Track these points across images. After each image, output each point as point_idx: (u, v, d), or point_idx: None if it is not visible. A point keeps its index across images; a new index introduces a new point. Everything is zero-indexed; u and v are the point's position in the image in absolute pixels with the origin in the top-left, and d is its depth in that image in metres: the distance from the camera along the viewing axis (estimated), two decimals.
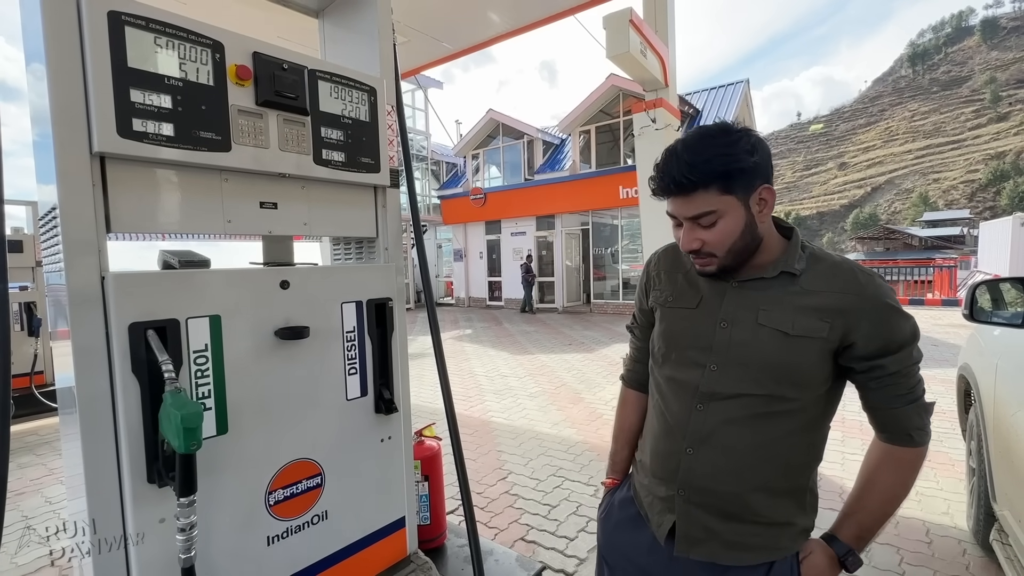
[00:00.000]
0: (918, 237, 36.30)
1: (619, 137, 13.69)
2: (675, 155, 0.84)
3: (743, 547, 0.90)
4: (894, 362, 0.85)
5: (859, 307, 0.84)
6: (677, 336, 0.97)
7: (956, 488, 2.96)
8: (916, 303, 12.38)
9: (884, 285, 0.86)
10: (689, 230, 0.86)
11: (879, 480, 0.89)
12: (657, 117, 4.90)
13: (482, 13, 4.24)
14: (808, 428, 0.90)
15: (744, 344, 0.88)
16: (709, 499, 0.91)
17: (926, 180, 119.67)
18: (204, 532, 1.15)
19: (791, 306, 0.86)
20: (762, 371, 0.86)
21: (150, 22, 1.08)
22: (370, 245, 1.68)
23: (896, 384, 0.86)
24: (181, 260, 1.21)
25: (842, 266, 0.88)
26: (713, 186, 0.82)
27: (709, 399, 0.90)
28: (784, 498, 0.91)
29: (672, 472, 0.94)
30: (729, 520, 0.90)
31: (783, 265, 0.89)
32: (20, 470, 3.60)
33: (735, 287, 0.91)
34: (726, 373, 0.89)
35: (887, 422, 0.90)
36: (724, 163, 0.81)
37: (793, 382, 0.86)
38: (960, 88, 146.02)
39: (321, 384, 1.40)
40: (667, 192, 0.86)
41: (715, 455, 0.90)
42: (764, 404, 0.87)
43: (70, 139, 1.01)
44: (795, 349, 0.85)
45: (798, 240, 0.92)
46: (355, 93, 1.46)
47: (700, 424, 0.91)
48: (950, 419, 4.13)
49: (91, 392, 1.04)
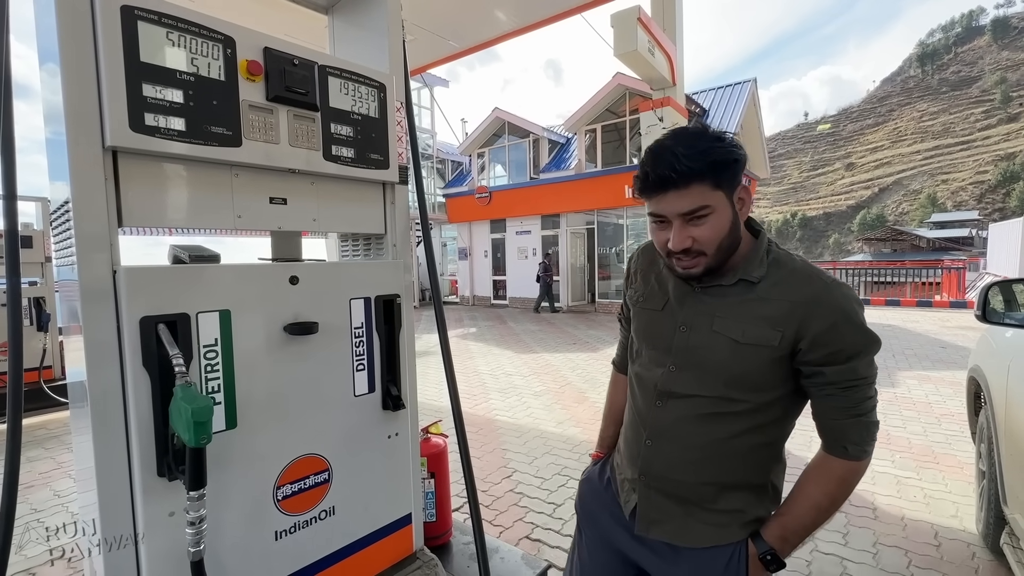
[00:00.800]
0: (926, 238, 36.00)
1: (625, 136, 13.64)
2: (666, 149, 0.82)
3: (694, 530, 0.95)
4: (837, 373, 0.84)
5: (811, 314, 0.83)
6: (645, 336, 1.02)
7: (965, 491, 2.93)
8: (924, 305, 12.28)
9: (847, 295, 0.85)
10: (680, 228, 0.85)
11: (808, 488, 0.90)
12: (664, 116, 4.88)
13: (489, 11, 4.24)
14: (764, 429, 0.91)
15: (700, 348, 0.91)
16: (665, 485, 0.97)
17: (934, 181, 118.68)
18: (213, 526, 1.15)
19: (745, 315, 0.88)
20: (714, 375, 0.90)
21: (162, 17, 1.08)
22: (378, 242, 1.68)
23: (837, 396, 0.85)
24: (192, 255, 1.21)
25: (801, 273, 0.88)
26: (707, 179, 0.81)
27: (667, 397, 0.96)
28: (737, 491, 0.93)
29: (635, 458, 1.02)
30: (683, 504, 0.96)
31: (741, 273, 0.90)
32: (29, 463, 3.63)
33: (697, 292, 0.94)
34: (683, 374, 0.93)
35: (826, 430, 0.90)
36: (720, 154, 0.81)
37: (743, 387, 0.88)
38: (970, 88, 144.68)
39: (329, 380, 1.41)
40: (661, 187, 0.83)
41: (670, 448, 0.96)
42: (714, 405, 0.90)
43: (83, 133, 1.02)
44: (745, 357, 0.87)
45: (763, 243, 0.92)
46: (364, 89, 1.46)
47: (658, 419, 0.97)
48: (959, 421, 4.09)
49: (102, 386, 1.04)
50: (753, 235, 0.95)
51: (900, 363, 6.31)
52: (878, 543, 2.44)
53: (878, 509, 2.77)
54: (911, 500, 2.86)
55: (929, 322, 9.75)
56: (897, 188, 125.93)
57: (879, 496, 2.91)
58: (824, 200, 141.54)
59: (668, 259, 0.92)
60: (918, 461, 3.40)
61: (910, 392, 5.02)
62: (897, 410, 4.48)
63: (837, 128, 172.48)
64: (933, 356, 6.66)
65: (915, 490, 2.98)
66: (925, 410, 4.46)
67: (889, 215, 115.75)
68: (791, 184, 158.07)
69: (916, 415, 4.33)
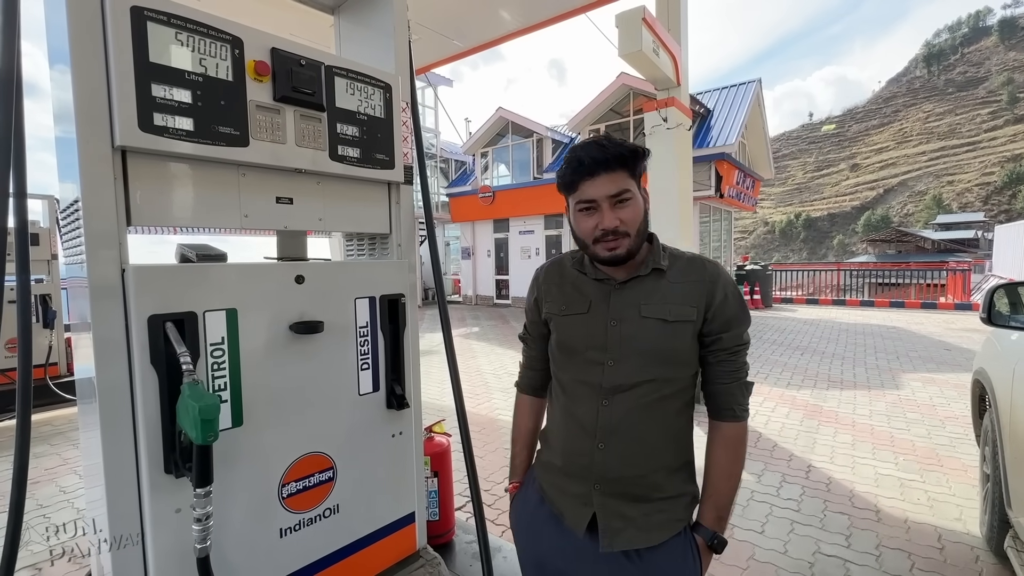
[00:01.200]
0: (931, 240, 35.78)
1: (629, 136, 13.62)
2: (590, 144, 0.96)
3: (652, 526, 1.00)
4: (730, 338, 1.00)
5: (713, 290, 0.99)
6: (575, 340, 1.05)
7: (968, 494, 2.92)
8: (928, 307, 12.23)
9: (726, 273, 1.04)
10: (609, 210, 0.96)
11: (717, 461, 1.03)
12: (669, 116, 4.87)
13: (493, 11, 4.24)
14: (688, 405, 1.05)
15: (633, 336, 0.99)
16: (621, 487, 1.00)
17: (940, 182, 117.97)
18: (219, 523, 1.16)
19: (666, 297, 1.00)
20: (652, 358, 0.98)
21: (171, 17, 1.09)
22: (383, 241, 1.69)
23: (727, 361, 1.01)
24: (199, 253, 1.22)
25: (695, 260, 1.05)
26: (627, 166, 0.95)
27: (612, 393, 1.00)
28: (679, 472, 1.04)
29: (586, 468, 1.02)
30: (639, 502, 1.00)
31: (653, 263, 1.02)
32: (35, 459, 3.66)
33: (617, 288, 1.02)
34: (623, 365, 0.99)
35: (718, 397, 1.03)
36: (631, 147, 0.96)
37: (675, 363, 0.99)
38: (976, 89, 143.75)
39: (334, 379, 1.41)
40: (592, 171, 0.95)
41: (623, 445, 1.00)
42: (658, 389, 0.99)
43: (93, 132, 1.03)
44: (675, 334, 0.98)
45: (658, 242, 1.06)
46: (370, 89, 1.46)
47: (608, 419, 1.00)
48: (963, 424, 4.08)
49: (111, 383, 1.05)
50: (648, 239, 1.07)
51: (904, 365, 6.29)
52: (881, 545, 2.43)
53: (881, 511, 2.76)
54: (915, 503, 2.85)
55: (933, 324, 9.71)
56: (902, 189, 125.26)
57: (882, 498, 2.90)
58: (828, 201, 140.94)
59: (593, 246, 0.99)
60: (922, 464, 3.39)
61: (914, 394, 5.01)
62: (901, 412, 4.46)
63: (842, 129, 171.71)
64: (937, 358, 6.64)
65: (919, 493, 2.97)
66: (929, 412, 4.44)
67: (894, 216, 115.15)
68: (795, 185, 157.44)
69: (920, 417, 4.32)
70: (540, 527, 1.11)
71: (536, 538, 1.12)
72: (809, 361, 6.62)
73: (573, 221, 1.02)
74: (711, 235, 13.01)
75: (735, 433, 1.03)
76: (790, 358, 6.82)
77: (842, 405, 4.71)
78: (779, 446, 3.74)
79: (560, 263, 1.14)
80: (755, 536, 2.53)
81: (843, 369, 6.14)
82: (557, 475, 1.08)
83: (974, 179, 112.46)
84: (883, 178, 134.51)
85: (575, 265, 1.10)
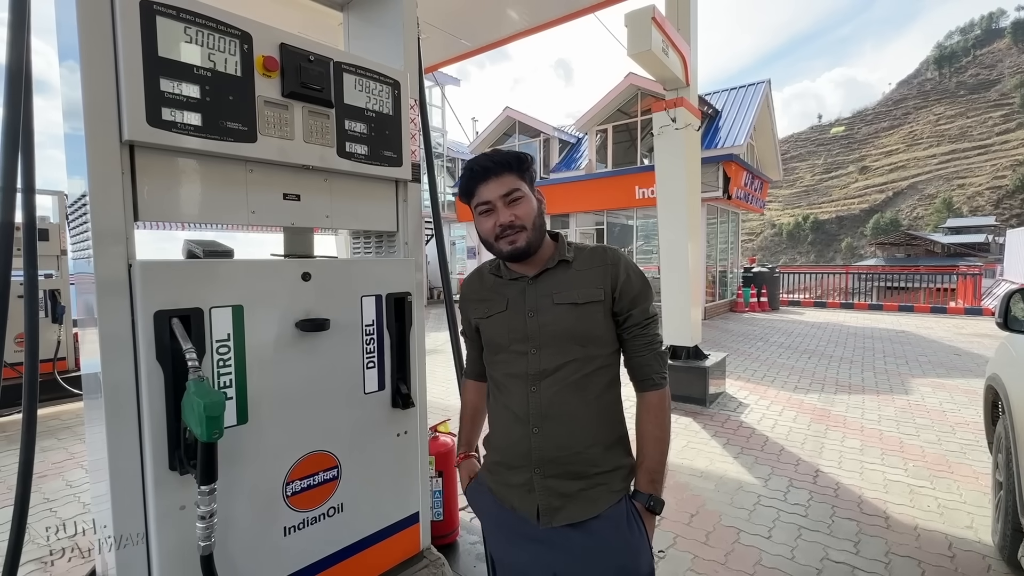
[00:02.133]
0: (941, 244, 35.35)
1: (636, 137, 13.57)
2: (482, 156, 1.08)
3: (591, 500, 1.07)
4: (640, 312, 1.11)
5: (615, 272, 1.10)
6: (500, 337, 1.14)
7: (980, 502, 2.88)
8: (938, 311, 12.09)
9: (627, 256, 1.16)
10: (503, 208, 1.07)
11: (645, 430, 1.12)
12: (677, 116, 4.83)
13: (501, 10, 4.22)
14: (614, 382, 1.14)
15: (550, 323, 1.09)
16: (559, 468, 1.07)
17: (950, 185, 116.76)
18: (222, 521, 1.16)
19: (573, 284, 1.10)
20: (569, 339, 1.08)
21: (181, 12, 1.08)
22: (390, 239, 1.68)
23: (642, 334, 1.12)
24: (206, 250, 1.22)
25: (596, 249, 1.15)
26: (514, 169, 1.07)
27: (539, 378, 1.08)
28: (614, 447, 1.12)
29: (524, 455, 1.09)
30: (577, 479, 1.07)
31: (559, 256, 1.13)
32: (42, 453, 3.68)
33: (531, 283, 1.12)
34: (545, 351, 1.08)
35: (638, 369, 1.13)
36: (515, 154, 1.10)
37: (593, 342, 1.09)
38: (988, 92, 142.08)
39: (340, 377, 1.41)
40: (483, 177, 1.07)
41: (555, 426, 1.07)
42: (580, 368, 1.08)
43: (101, 127, 1.02)
44: (586, 315, 1.08)
45: (563, 238, 1.18)
46: (379, 86, 1.45)
47: (539, 403, 1.08)
48: (974, 430, 4.02)
49: (116, 378, 1.05)
50: (554, 239, 1.18)
51: (913, 369, 6.22)
52: (891, 552, 2.40)
53: (890, 518, 2.72)
54: (925, 510, 2.81)
55: (943, 329, 9.60)
56: (912, 192, 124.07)
57: (891, 505, 2.86)
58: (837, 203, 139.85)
59: (497, 243, 1.09)
60: (932, 470, 3.34)
61: (924, 400, 4.94)
62: (910, 417, 4.41)
63: (851, 131, 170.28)
64: (948, 363, 6.55)
65: (929, 499, 2.93)
66: (939, 418, 4.38)
67: (903, 220, 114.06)
68: (803, 187, 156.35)
69: (930, 423, 4.26)
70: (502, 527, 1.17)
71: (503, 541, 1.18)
72: (817, 365, 6.55)
73: (476, 225, 1.13)
74: (718, 236, 12.93)
75: (658, 400, 1.13)
76: (797, 361, 6.76)
77: (850, 409, 4.65)
78: (786, 450, 3.70)
79: (479, 272, 1.25)
80: (762, 541, 2.50)
81: (851, 373, 6.08)
82: (501, 471, 1.15)
83: (985, 183, 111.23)
84: (892, 181, 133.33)
85: (493, 271, 1.20)
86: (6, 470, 3.45)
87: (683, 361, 4.86)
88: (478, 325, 1.21)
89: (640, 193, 11.95)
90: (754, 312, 12.73)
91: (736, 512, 2.80)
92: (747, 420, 4.37)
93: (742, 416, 4.48)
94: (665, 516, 2.69)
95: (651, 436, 1.12)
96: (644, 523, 1.09)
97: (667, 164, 4.96)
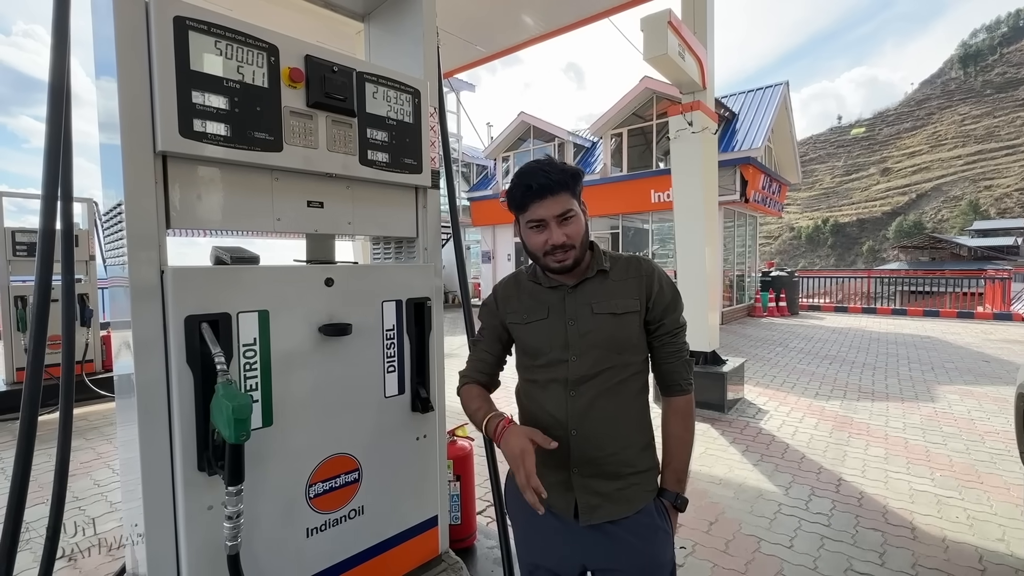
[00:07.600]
0: (967, 247, 34.34)
1: (652, 140, 13.49)
2: (536, 170, 1.07)
3: (627, 499, 1.12)
4: (671, 322, 1.16)
5: (650, 282, 1.15)
6: (541, 343, 1.16)
7: (1012, 513, 2.79)
8: (965, 316, 11.75)
9: (659, 268, 1.19)
10: (556, 227, 1.08)
11: (672, 432, 1.18)
12: (694, 120, 4.80)
13: (516, 16, 4.26)
14: (644, 388, 1.18)
15: (590, 332, 1.12)
16: (596, 468, 1.12)
17: (977, 187, 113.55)
18: (248, 521, 1.18)
19: (612, 294, 1.14)
20: (607, 348, 1.11)
21: (211, 26, 1.12)
22: (409, 245, 1.70)
23: (672, 343, 1.17)
24: (233, 256, 1.25)
25: (632, 259, 1.19)
26: (568, 189, 1.07)
27: (578, 384, 1.12)
28: (647, 449, 1.17)
29: (563, 457, 1.12)
30: (614, 479, 1.12)
31: (597, 266, 1.16)
32: (71, 453, 3.79)
33: (571, 292, 1.15)
34: (584, 358, 1.12)
35: (667, 375, 1.18)
36: (572, 170, 1.09)
37: (629, 350, 1.13)
38: (1016, 91, 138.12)
39: (361, 381, 1.43)
40: (541, 194, 1.06)
41: (593, 428, 1.11)
42: (617, 374, 1.12)
43: (136, 138, 1.06)
44: (624, 324, 1.12)
45: (599, 248, 1.20)
46: (400, 95, 1.48)
47: (577, 407, 1.12)
48: (1005, 440, 3.90)
49: (148, 380, 1.08)
50: (590, 247, 1.20)
51: (940, 376, 6.05)
52: (918, 564, 2.33)
53: (917, 529, 2.65)
54: (953, 521, 2.73)
55: (970, 335, 9.32)
56: (936, 194, 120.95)
57: (918, 516, 2.79)
58: (858, 206, 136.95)
59: (544, 258, 1.11)
60: (960, 480, 3.24)
61: (951, 407, 4.81)
62: (937, 426, 4.29)
63: (872, 132, 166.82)
64: (975, 370, 6.36)
65: (957, 511, 2.85)
66: (967, 427, 4.26)
67: (927, 222, 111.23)
68: (823, 189, 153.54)
69: (957, 431, 4.14)
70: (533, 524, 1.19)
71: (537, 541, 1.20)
72: (838, 371, 6.41)
73: (524, 237, 1.14)
74: (735, 240, 12.77)
75: (684, 404, 1.19)
76: (818, 367, 6.63)
77: (873, 417, 4.55)
78: (807, 458, 3.63)
79: (516, 277, 1.27)
80: (783, 551, 2.46)
81: (874, 380, 5.93)
82: (538, 468, 1.11)
83: (1013, 184, 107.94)
84: (916, 183, 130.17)
85: (530, 277, 1.22)
86: (37, 469, 3.56)
87: (701, 366, 4.81)
88: (513, 329, 1.22)
89: (656, 197, 11.86)
90: (772, 317, 12.52)
91: (756, 521, 2.75)
92: (766, 427, 4.30)
93: (761, 423, 4.41)
94: (683, 523, 2.66)
95: (678, 437, 1.18)
96: (670, 519, 1.16)
97: (684, 168, 4.93)
